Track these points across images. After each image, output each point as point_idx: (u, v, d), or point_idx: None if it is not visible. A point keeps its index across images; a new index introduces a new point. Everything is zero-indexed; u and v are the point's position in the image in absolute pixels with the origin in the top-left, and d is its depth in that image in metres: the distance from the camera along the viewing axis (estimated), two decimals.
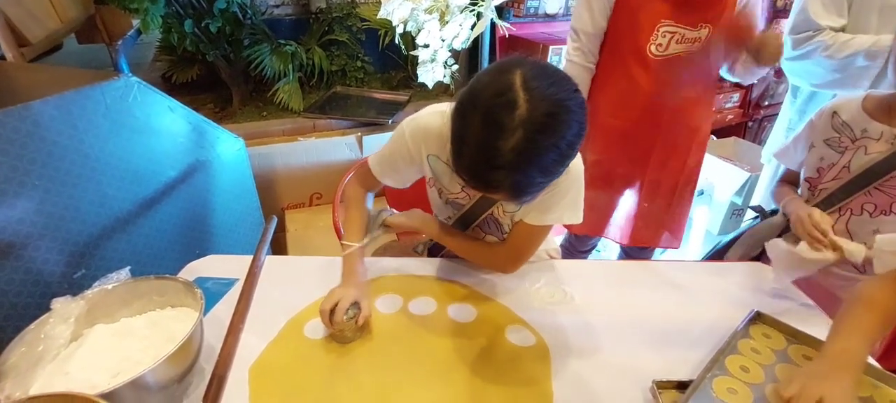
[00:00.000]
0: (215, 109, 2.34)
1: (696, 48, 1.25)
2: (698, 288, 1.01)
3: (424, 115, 0.90)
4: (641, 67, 1.29)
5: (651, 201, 1.49)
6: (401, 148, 0.93)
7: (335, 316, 0.81)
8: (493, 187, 0.67)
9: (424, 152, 0.92)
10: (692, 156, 1.45)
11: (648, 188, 1.47)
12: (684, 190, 1.50)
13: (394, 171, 0.98)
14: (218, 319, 0.86)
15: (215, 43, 2.13)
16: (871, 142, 0.99)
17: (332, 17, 2.32)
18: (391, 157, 0.96)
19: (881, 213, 0.99)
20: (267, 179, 2.05)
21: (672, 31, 1.23)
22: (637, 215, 1.51)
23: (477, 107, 0.64)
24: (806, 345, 0.81)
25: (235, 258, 1.05)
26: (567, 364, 0.80)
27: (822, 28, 1.32)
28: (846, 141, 1.03)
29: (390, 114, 2.22)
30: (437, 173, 0.95)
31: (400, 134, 0.93)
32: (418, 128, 0.90)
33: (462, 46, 1.88)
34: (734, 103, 3.00)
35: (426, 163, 0.94)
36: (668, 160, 1.42)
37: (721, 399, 0.70)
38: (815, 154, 1.09)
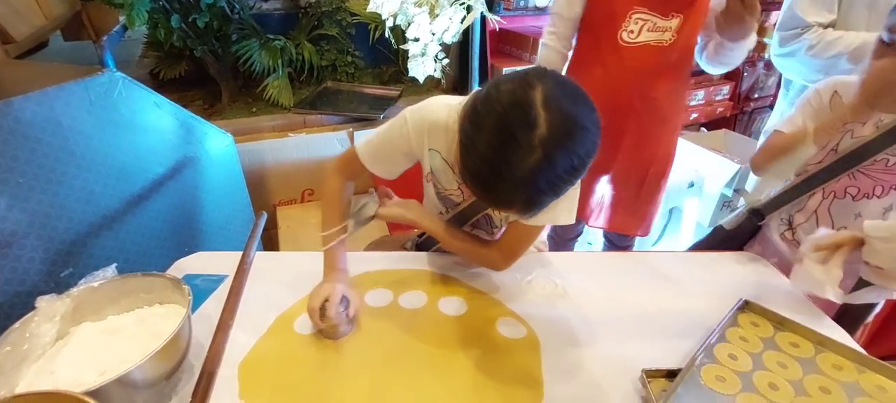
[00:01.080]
0: (204, 106, 2.31)
1: (667, 38, 1.25)
2: (688, 279, 1.01)
3: (430, 107, 0.87)
4: (614, 54, 1.29)
5: (621, 190, 1.50)
6: (399, 137, 0.89)
7: (328, 311, 0.81)
8: (503, 202, 0.67)
9: (427, 145, 0.89)
10: (662, 147, 1.45)
11: (618, 176, 1.48)
12: (655, 180, 1.50)
13: (386, 161, 0.94)
14: (207, 316, 0.86)
15: (203, 38, 2.11)
16: (858, 126, 1.00)
17: (321, 11, 2.30)
18: (385, 146, 0.92)
19: (864, 197, 1.00)
20: (258, 176, 2.03)
21: (644, 18, 1.23)
22: (611, 202, 1.53)
23: (494, 119, 0.61)
24: (793, 332, 0.82)
25: (225, 254, 1.04)
26: (558, 355, 0.80)
27: (810, 25, 1.33)
28: (837, 122, 1.03)
29: (381, 109, 2.21)
30: (435, 169, 0.93)
31: (401, 123, 0.88)
32: (423, 120, 0.87)
33: (452, 40, 1.87)
34: (724, 96, 3.02)
35: (427, 157, 0.91)
36: (638, 150, 1.42)
37: (709, 386, 0.71)
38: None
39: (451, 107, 0.84)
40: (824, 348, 0.79)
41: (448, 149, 0.88)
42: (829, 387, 0.72)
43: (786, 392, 0.71)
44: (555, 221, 0.87)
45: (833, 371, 0.75)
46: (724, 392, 0.70)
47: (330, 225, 0.95)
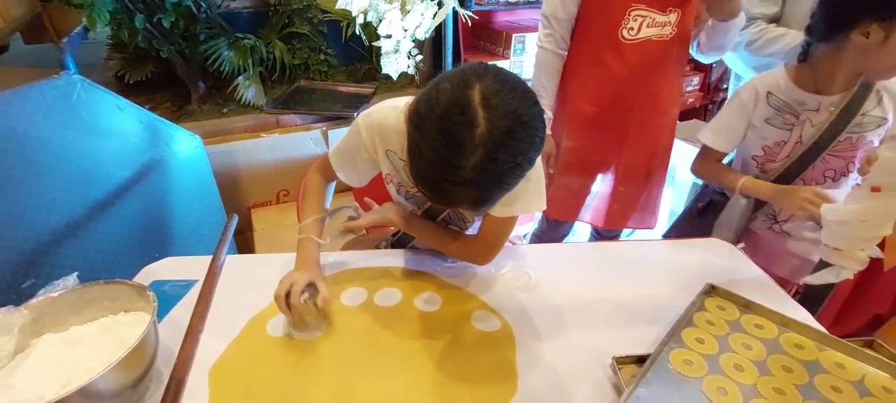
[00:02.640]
0: (173, 108, 2.25)
1: (667, 32, 1.27)
2: (657, 266, 1.04)
3: (379, 111, 0.89)
4: (614, 52, 1.30)
5: (627, 185, 1.52)
6: (357, 146, 0.92)
7: (291, 298, 0.80)
8: (453, 201, 0.68)
9: (381, 148, 0.91)
10: (663, 139, 1.48)
11: (624, 171, 1.50)
12: (658, 172, 1.54)
13: (351, 166, 0.96)
14: (176, 322, 0.84)
15: (169, 39, 2.05)
16: (812, 113, 1.04)
17: (291, 8, 2.26)
18: (347, 152, 0.95)
19: (841, 176, 1.05)
20: (230, 178, 1.99)
21: (643, 15, 1.25)
22: (612, 198, 1.54)
23: (435, 122, 0.61)
24: (757, 315, 0.85)
25: (194, 259, 1.02)
26: (532, 346, 0.81)
27: (755, 17, 1.37)
28: (791, 118, 1.07)
29: (356, 107, 2.19)
30: (396, 167, 0.94)
31: (355, 130, 0.91)
32: (373, 124, 0.89)
33: (425, 36, 1.87)
34: (694, 86, 3.08)
35: (385, 159, 0.92)
36: (641, 143, 1.45)
37: (677, 370, 0.73)
38: (756, 134, 1.13)
39: (398, 109, 0.85)
40: (787, 328, 0.82)
41: (403, 149, 0.86)
42: (791, 366, 0.74)
43: (750, 373, 0.73)
44: (527, 210, 0.88)
45: (795, 351, 0.78)
46: (692, 375, 0.72)
47: (306, 216, 0.96)
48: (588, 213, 1.58)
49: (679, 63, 1.38)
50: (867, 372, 0.74)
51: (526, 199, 0.87)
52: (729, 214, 1.22)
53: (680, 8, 1.25)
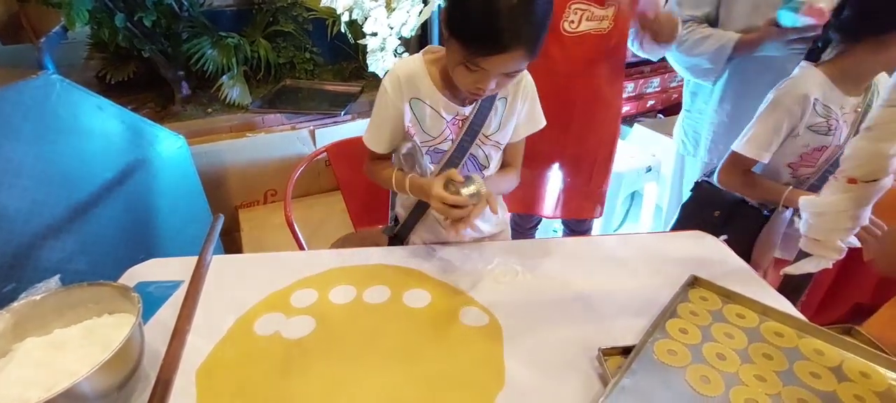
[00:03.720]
0: (156, 108, 2.23)
1: (605, 26, 1.30)
2: (643, 259, 1.05)
3: (400, 64, 0.97)
4: (556, 44, 1.32)
5: (574, 176, 1.55)
6: (385, 106, 0.97)
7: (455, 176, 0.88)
8: (522, 40, 0.78)
9: (406, 97, 0.96)
10: (607, 130, 1.51)
11: (570, 163, 1.53)
12: (604, 162, 1.57)
13: (380, 131, 1.01)
14: (163, 323, 0.83)
15: (151, 38, 2.03)
16: (846, 115, 1.04)
17: (276, 7, 2.24)
18: (379, 122, 1.00)
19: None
20: (216, 178, 1.98)
21: (582, 8, 1.28)
22: (564, 190, 1.58)
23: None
24: (739, 304, 0.86)
25: (180, 260, 1.01)
26: (519, 340, 0.82)
27: (685, 19, 1.40)
28: (833, 122, 1.07)
29: (343, 105, 2.19)
30: (419, 117, 0.98)
31: (381, 92, 0.98)
32: (398, 77, 0.95)
33: (411, 34, 1.86)
34: (678, 82, 3.12)
35: (408, 110, 0.97)
36: (586, 136, 1.47)
37: (662, 360, 0.74)
38: (799, 142, 1.12)
39: (415, 57, 0.97)
40: (768, 317, 0.84)
41: (429, 90, 0.95)
42: (772, 353, 0.76)
43: (732, 361, 0.74)
44: (537, 126, 1.07)
45: (775, 339, 0.79)
46: (676, 364, 0.73)
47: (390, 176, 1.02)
48: (544, 206, 1.61)
49: (618, 56, 1.41)
50: (845, 358, 0.76)
51: (534, 117, 1.06)
52: (774, 230, 1.17)
53: (617, 1, 1.28)
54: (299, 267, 0.99)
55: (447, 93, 0.97)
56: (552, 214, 1.63)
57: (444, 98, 0.96)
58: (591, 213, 1.64)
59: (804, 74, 1.11)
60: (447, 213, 0.89)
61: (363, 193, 1.71)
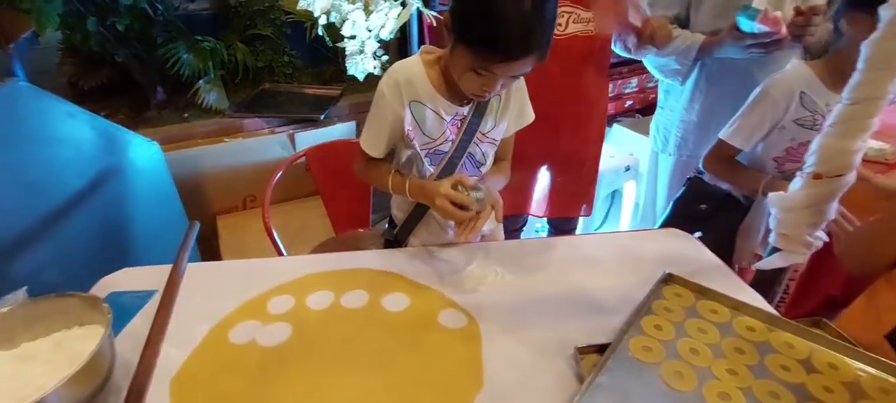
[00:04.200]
0: (131, 114, 2.18)
1: (592, 27, 1.33)
2: (619, 257, 1.07)
3: (398, 68, 0.96)
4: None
5: (564, 175, 1.58)
6: (384, 109, 0.96)
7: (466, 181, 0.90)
8: (534, 46, 0.79)
9: (405, 100, 0.95)
10: (594, 129, 1.55)
11: (560, 163, 1.56)
12: (592, 161, 1.60)
13: (379, 134, 0.99)
14: (136, 334, 0.82)
15: (124, 42, 1.98)
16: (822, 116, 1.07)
17: (253, 10, 2.22)
18: (376, 126, 0.99)
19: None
20: (194, 184, 1.94)
21: (569, 11, 1.30)
22: (553, 189, 1.60)
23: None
24: (712, 300, 0.88)
25: (154, 268, 0.99)
26: (497, 341, 0.82)
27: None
28: (819, 117, 1.09)
29: (323, 109, 2.17)
30: (419, 119, 0.97)
31: (379, 96, 0.96)
32: (397, 80, 0.94)
33: (389, 36, 1.86)
34: (655, 82, 3.17)
35: (408, 113, 0.96)
36: (575, 135, 1.50)
37: (637, 357, 0.75)
38: (785, 135, 1.14)
39: (412, 59, 0.96)
40: (740, 312, 0.86)
41: (429, 92, 0.95)
42: (743, 348, 0.78)
43: (705, 356, 0.76)
44: (527, 120, 1.09)
45: (747, 333, 0.81)
46: (650, 361, 0.74)
47: (390, 177, 1.02)
48: (532, 205, 1.63)
49: (604, 57, 1.44)
50: (814, 350, 0.78)
51: (524, 111, 1.08)
52: (756, 218, 1.20)
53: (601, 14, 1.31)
54: (276, 273, 0.98)
55: (446, 93, 0.97)
56: (542, 213, 1.65)
57: (443, 99, 0.96)
58: (581, 212, 1.67)
59: (793, 69, 1.14)
60: (451, 213, 0.89)
61: (343, 197, 1.71)
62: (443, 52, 0.96)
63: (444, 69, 0.95)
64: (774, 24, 1.17)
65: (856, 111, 0.77)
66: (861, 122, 0.77)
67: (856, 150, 0.79)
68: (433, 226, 1.12)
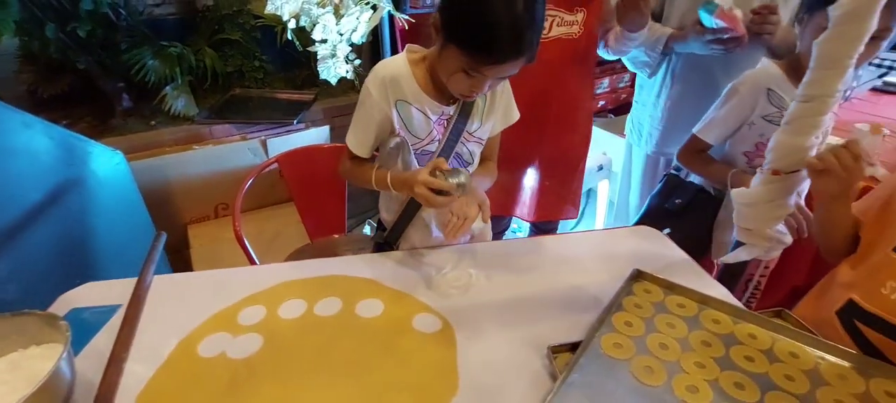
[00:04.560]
0: (95, 122, 2.11)
1: (575, 31, 1.34)
2: (592, 256, 1.08)
3: (384, 66, 0.95)
4: None
5: (550, 177, 1.59)
6: (370, 108, 0.96)
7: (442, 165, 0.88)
8: (525, 48, 0.81)
9: (392, 99, 0.95)
10: (579, 131, 1.56)
11: (546, 165, 1.56)
12: (578, 163, 1.61)
13: (366, 133, 0.99)
14: (98, 351, 0.79)
15: (86, 49, 1.92)
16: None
17: (221, 14, 2.17)
18: (363, 124, 0.98)
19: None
20: (162, 194, 1.89)
21: (553, 14, 1.32)
22: (539, 192, 1.60)
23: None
24: (680, 295, 0.90)
25: (119, 282, 0.96)
26: (472, 344, 0.82)
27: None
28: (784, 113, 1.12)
29: (296, 113, 2.14)
30: (405, 119, 0.97)
31: (365, 94, 0.96)
32: (384, 79, 0.94)
33: (361, 40, 1.85)
34: (626, 82, 3.24)
35: (394, 112, 0.96)
36: (561, 138, 1.51)
37: (608, 354, 0.76)
38: (755, 130, 1.17)
39: (398, 58, 0.96)
40: (706, 305, 0.88)
41: (415, 91, 0.95)
42: (710, 340, 0.80)
43: (674, 350, 0.78)
44: (513, 119, 1.10)
45: (713, 325, 0.83)
46: (621, 357, 0.76)
47: (372, 173, 1.00)
48: (518, 208, 1.64)
49: (589, 59, 1.46)
50: (776, 340, 0.80)
51: (510, 110, 1.09)
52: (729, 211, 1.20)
53: (585, 7, 1.33)
54: (248, 283, 0.96)
55: (432, 93, 0.97)
56: (527, 216, 1.66)
57: (429, 99, 0.96)
58: (568, 214, 1.68)
59: (762, 68, 1.18)
60: (430, 200, 0.87)
61: (318, 203, 1.68)
62: (428, 52, 0.96)
63: (431, 68, 0.95)
64: (731, 20, 1.21)
65: (808, 109, 0.80)
66: (813, 119, 0.80)
67: (809, 147, 0.83)
68: (423, 229, 1.12)
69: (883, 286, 0.77)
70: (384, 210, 1.15)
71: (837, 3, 0.73)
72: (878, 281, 0.79)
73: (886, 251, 0.79)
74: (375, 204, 1.15)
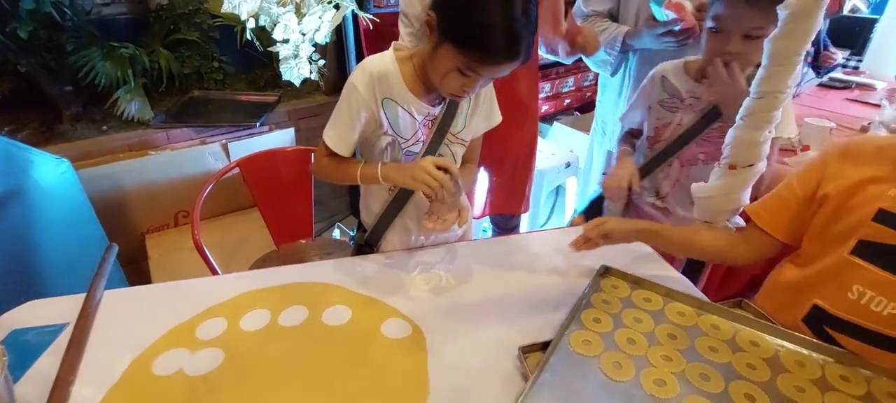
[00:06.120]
0: (41, 128, 1.98)
1: None
2: (559, 253, 1.09)
3: (371, 63, 0.93)
4: None
5: (498, 176, 1.63)
6: (356, 104, 0.93)
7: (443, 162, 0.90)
8: (523, 49, 0.81)
9: (379, 97, 0.93)
10: (527, 131, 1.60)
11: (493, 164, 1.61)
12: (525, 161, 1.66)
13: (350, 130, 0.95)
14: (42, 375, 0.73)
15: (28, 51, 1.80)
16: (697, 101, 1.14)
17: (176, 14, 2.08)
18: (349, 121, 0.94)
19: (712, 160, 1.13)
20: (116, 203, 1.80)
21: None
22: (490, 189, 1.66)
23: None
24: (645, 289, 0.92)
25: (66, 299, 0.90)
26: (442, 347, 0.81)
27: (587, 14, 1.52)
28: (677, 102, 1.17)
29: (259, 116, 2.08)
30: (391, 118, 0.95)
31: (349, 91, 0.93)
32: (371, 76, 0.92)
33: (325, 40, 1.81)
34: (591, 81, 3.30)
35: (381, 111, 0.93)
36: (507, 138, 1.53)
37: (577, 351, 0.76)
38: (653, 115, 1.22)
39: (385, 55, 0.94)
40: (671, 299, 0.90)
41: (402, 90, 0.94)
42: (676, 333, 0.81)
43: (641, 345, 0.79)
44: (496, 121, 1.09)
45: (678, 318, 0.85)
46: (590, 354, 0.76)
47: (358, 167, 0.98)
48: (474, 207, 1.66)
49: (532, 62, 1.48)
50: (738, 330, 0.83)
51: (492, 113, 1.09)
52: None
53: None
54: (208, 294, 0.92)
55: (419, 92, 0.95)
56: (480, 213, 1.68)
57: (416, 98, 0.94)
58: (518, 209, 1.71)
59: (673, 61, 1.22)
60: (435, 177, 0.88)
61: (283, 207, 1.64)
62: (416, 50, 0.95)
63: (419, 67, 0.93)
64: (679, 10, 1.25)
65: (761, 104, 0.83)
66: (766, 115, 0.83)
67: (763, 141, 0.85)
68: (403, 230, 1.11)
69: (849, 291, 0.75)
70: (365, 213, 1.13)
71: (786, 2, 0.75)
72: (843, 285, 0.76)
73: (843, 254, 0.76)
74: (346, 208, 1.12)
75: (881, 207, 0.73)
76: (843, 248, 0.76)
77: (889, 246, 0.72)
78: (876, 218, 0.73)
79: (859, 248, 0.75)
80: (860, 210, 0.75)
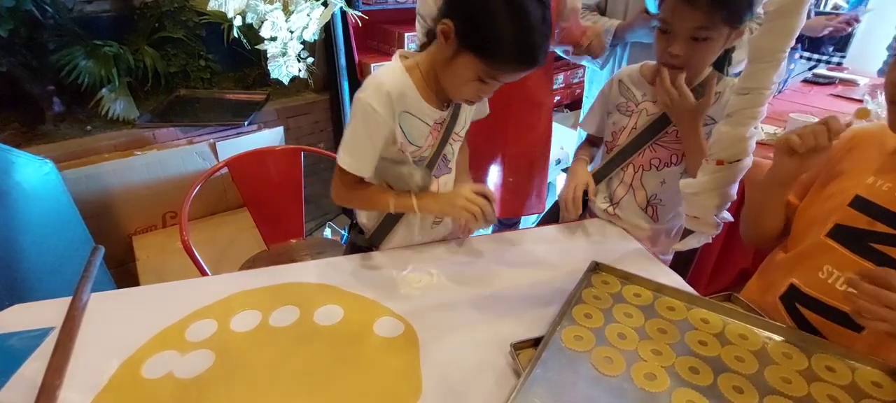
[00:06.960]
0: (23, 129, 1.95)
1: None
2: (552, 250, 1.09)
3: (380, 79, 0.90)
4: None
5: (515, 174, 1.61)
6: (376, 126, 0.91)
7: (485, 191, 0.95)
8: (543, 55, 0.82)
9: (396, 112, 0.91)
10: (541, 128, 1.59)
11: (510, 162, 1.58)
12: (541, 158, 1.65)
13: (372, 151, 0.94)
14: (27, 380, 0.72)
15: (9, 50, 1.77)
16: (650, 104, 1.12)
17: (161, 11, 2.05)
18: (368, 143, 0.92)
19: (665, 166, 1.14)
20: (102, 204, 1.77)
21: None
22: (504, 188, 1.63)
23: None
24: (636, 285, 0.92)
25: (52, 303, 0.88)
26: (435, 345, 0.81)
27: (577, 9, 1.52)
28: (632, 105, 1.15)
29: (247, 115, 2.06)
30: (407, 131, 0.94)
31: (368, 112, 0.89)
32: (384, 93, 0.89)
33: (313, 38, 1.79)
34: (581, 78, 3.31)
35: (398, 127, 0.93)
36: (522, 135, 1.54)
37: (569, 347, 0.77)
38: (611, 119, 1.21)
39: (395, 69, 0.92)
40: (661, 294, 0.91)
41: (416, 100, 0.92)
42: (666, 328, 0.82)
43: (632, 339, 0.79)
44: (484, 112, 1.12)
45: (668, 313, 0.86)
46: (581, 349, 0.77)
47: (388, 196, 0.99)
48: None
49: (548, 60, 1.49)
50: (727, 323, 0.84)
51: (483, 103, 1.10)
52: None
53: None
54: (197, 295, 0.91)
55: (431, 100, 0.94)
56: (498, 214, 1.66)
57: (428, 106, 0.94)
58: (533, 209, 1.70)
59: (634, 64, 1.20)
60: (478, 204, 0.93)
61: (273, 207, 1.63)
62: (421, 57, 0.93)
63: (427, 74, 0.92)
64: None
65: (746, 101, 0.84)
66: (751, 111, 0.84)
67: (749, 137, 0.86)
68: (405, 230, 1.10)
69: (820, 270, 0.81)
70: (364, 216, 1.11)
71: (768, 1, 0.76)
72: (816, 265, 0.82)
73: (819, 236, 0.82)
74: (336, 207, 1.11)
75: (857, 193, 0.78)
76: (821, 230, 0.82)
77: (861, 231, 0.77)
78: (852, 204, 0.79)
79: (834, 231, 0.81)
80: (839, 196, 0.80)
